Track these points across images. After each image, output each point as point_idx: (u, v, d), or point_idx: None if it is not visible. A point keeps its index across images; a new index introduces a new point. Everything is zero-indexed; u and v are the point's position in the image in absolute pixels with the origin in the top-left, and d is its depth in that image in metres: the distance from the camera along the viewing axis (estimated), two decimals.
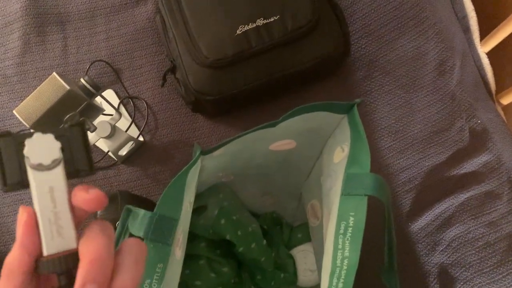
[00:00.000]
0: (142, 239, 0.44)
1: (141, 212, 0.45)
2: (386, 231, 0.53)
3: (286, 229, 0.74)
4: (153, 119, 0.84)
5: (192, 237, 0.65)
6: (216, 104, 0.77)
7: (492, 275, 0.75)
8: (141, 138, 0.83)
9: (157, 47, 0.88)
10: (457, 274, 0.76)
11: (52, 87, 0.59)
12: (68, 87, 0.59)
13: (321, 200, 0.65)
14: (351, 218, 0.45)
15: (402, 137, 0.82)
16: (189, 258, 0.65)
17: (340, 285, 0.42)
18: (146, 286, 0.43)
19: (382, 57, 0.85)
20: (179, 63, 0.76)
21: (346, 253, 0.43)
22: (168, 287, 0.45)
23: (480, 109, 0.84)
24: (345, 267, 0.43)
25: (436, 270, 0.76)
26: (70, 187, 0.29)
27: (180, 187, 0.47)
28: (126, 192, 0.73)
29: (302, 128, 0.56)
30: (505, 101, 0.87)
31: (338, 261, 0.43)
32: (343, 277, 0.42)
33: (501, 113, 0.86)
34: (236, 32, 0.73)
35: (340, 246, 0.44)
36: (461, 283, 0.75)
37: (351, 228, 0.44)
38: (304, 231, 0.73)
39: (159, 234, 0.44)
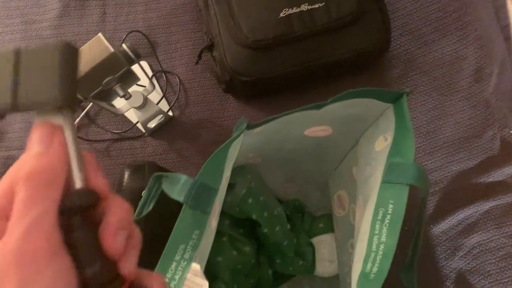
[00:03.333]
0: (181, 204, 0.44)
1: (183, 177, 0.45)
2: (416, 225, 0.52)
3: (308, 218, 0.74)
4: (184, 95, 0.84)
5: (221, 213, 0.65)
6: (250, 86, 0.76)
7: (510, 287, 0.75)
8: (170, 113, 0.82)
9: (195, 24, 0.87)
10: (475, 281, 0.75)
11: (96, 47, 0.59)
12: (112, 49, 0.59)
13: (350, 190, 0.65)
14: (390, 206, 0.44)
15: (433, 139, 0.81)
16: None
17: (375, 269, 0.42)
18: (180, 251, 0.43)
19: (420, 57, 0.84)
20: (218, 41, 0.76)
21: (383, 239, 0.43)
22: (201, 255, 0.45)
23: None
24: (380, 252, 0.42)
25: (454, 275, 0.75)
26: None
27: (222, 158, 0.47)
28: (153, 163, 0.73)
29: (343, 114, 0.56)
30: None
31: (374, 246, 0.43)
32: (378, 262, 0.42)
33: None
34: (279, 15, 0.72)
35: (377, 232, 0.43)
36: None
37: (389, 215, 0.44)
38: (326, 222, 0.73)
39: (199, 201, 0.44)
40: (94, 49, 0.59)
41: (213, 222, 0.48)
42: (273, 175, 0.72)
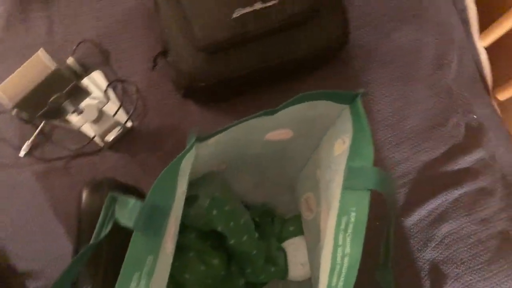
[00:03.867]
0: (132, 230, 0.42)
1: (131, 201, 0.42)
2: (386, 228, 0.51)
3: (278, 222, 0.72)
4: (142, 104, 0.81)
5: (182, 228, 0.63)
6: (209, 90, 0.74)
7: (483, 273, 0.75)
8: (129, 124, 0.79)
9: (148, 28, 0.84)
10: (449, 270, 0.75)
11: (37, 66, 0.55)
12: (53, 67, 0.56)
13: (316, 193, 0.63)
14: (353, 214, 0.43)
15: (398, 131, 0.80)
16: (178, 250, 0.63)
17: (341, 283, 0.40)
18: (135, 279, 0.41)
19: (380, 48, 0.83)
20: (171, 46, 0.73)
21: (347, 250, 0.41)
22: (158, 282, 0.43)
23: (477, 105, 0.83)
24: (345, 265, 0.41)
25: (428, 266, 0.75)
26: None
27: (173, 175, 0.44)
28: (112, 179, 0.70)
29: (301, 117, 0.54)
30: (502, 97, 0.86)
31: (338, 258, 0.41)
32: (343, 275, 0.40)
33: (497, 109, 0.85)
34: (232, 16, 0.70)
35: (340, 242, 0.42)
36: (452, 280, 0.74)
37: (352, 224, 0.42)
38: (296, 224, 0.71)
39: (150, 224, 0.42)
40: (34, 68, 0.55)
41: (169, 244, 0.46)
42: (240, 181, 0.70)
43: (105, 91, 0.74)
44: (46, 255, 0.74)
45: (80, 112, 0.67)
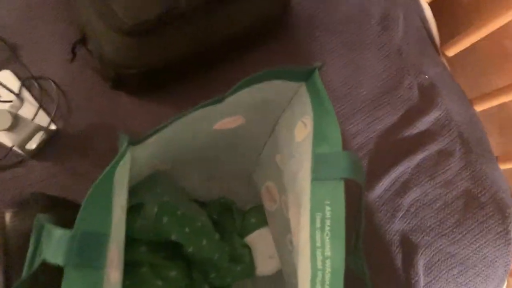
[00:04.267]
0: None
1: (57, 232, 0.33)
2: (358, 215, 0.46)
3: (238, 216, 0.65)
4: (65, 102, 0.70)
5: (129, 241, 0.54)
6: (142, 78, 0.65)
7: (452, 236, 0.73)
8: (52, 126, 0.69)
9: (62, 13, 0.72)
10: (419, 239, 0.72)
11: None
12: None
13: (277, 182, 0.57)
14: (328, 208, 0.37)
15: (350, 101, 0.75)
16: (128, 266, 0.54)
17: None
18: None
19: (323, 14, 0.77)
20: (91, 31, 0.63)
21: (327, 252, 0.35)
22: None
23: (427, 63, 0.80)
24: (328, 270, 0.35)
25: (398, 238, 0.72)
26: None
27: (106, 192, 0.36)
28: (40, 194, 0.60)
29: (252, 101, 0.47)
30: (450, 52, 0.83)
31: (319, 263, 0.35)
32: (328, 283, 0.34)
33: (447, 65, 0.83)
34: None
35: (318, 244, 0.36)
36: (423, 248, 0.72)
37: (329, 220, 0.36)
38: (257, 216, 0.65)
39: (86, 256, 0.33)
40: None
41: (113, 274, 0.37)
42: (189, 177, 0.63)
43: (18, 93, 0.63)
44: None
45: None
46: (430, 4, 0.83)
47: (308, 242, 0.36)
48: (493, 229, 0.75)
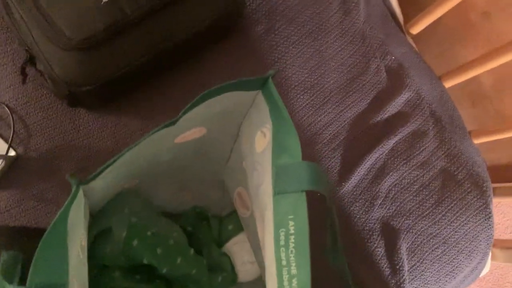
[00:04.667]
0: None
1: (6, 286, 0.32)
2: (329, 223, 0.45)
3: (214, 223, 0.64)
4: (22, 125, 0.67)
5: (102, 268, 0.53)
6: (97, 94, 0.62)
7: (433, 217, 0.73)
8: (12, 153, 0.66)
9: (12, 32, 0.69)
10: (399, 224, 0.72)
11: None
12: None
13: (247, 188, 0.56)
14: (291, 223, 0.36)
15: (319, 91, 0.73)
16: None
17: None
18: None
19: (281, 5, 0.74)
20: (37, 51, 0.59)
21: (294, 271, 0.34)
22: None
23: (393, 44, 0.78)
24: None
25: (379, 226, 0.71)
26: None
27: (59, 240, 0.34)
28: (3, 227, 0.58)
29: (210, 114, 0.45)
30: (415, 30, 0.81)
31: (286, 283, 0.34)
32: None
33: (413, 44, 0.81)
34: (101, 1, 0.57)
35: (284, 262, 0.35)
36: (405, 232, 0.72)
37: (293, 237, 0.35)
38: (234, 221, 0.64)
39: None
40: None
41: None
42: (159, 191, 0.61)
43: None
44: None
45: None
46: None
47: (274, 260, 0.35)
48: (473, 205, 0.74)
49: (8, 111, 0.67)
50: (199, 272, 0.56)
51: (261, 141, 0.42)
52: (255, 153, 0.44)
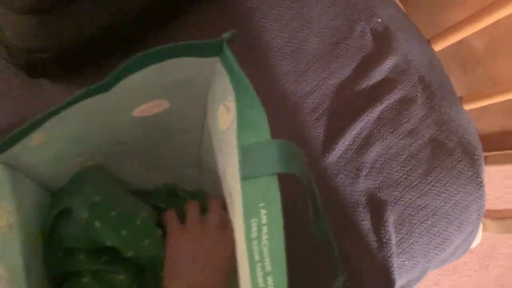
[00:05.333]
0: None
1: None
2: (310, 202, 0.40)
3: (186, 197, 0.60)
4: None
5: (67, 251, 0.49)
6: (57, 62, 0.57)
7: (421, 187, 0.69)
8: None
9: None
10: (386, 196, 0.68)
11: None
12: None
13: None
14: (263, 212, 0.31)
15: (301, 57, 0.69)
16: (70, 279, 0.49)
17: None
18: None
19: None
20: None
21: (268, 267, 0.30)
22: None
23: (379, 6, 0.73)
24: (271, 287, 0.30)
25: (365, 198, 0.68)
26: None
27: None
28: None
29: (167, 84, 0.40)
30: None
31: (260, 280, 0.30)
32: None
33: (401, 5, 0.76)
34: None
35: (257, 258, 0.30)
36: (392, 204, 0.68)
37: (266, 227, 0.31)
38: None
39: None
40: None
41: None
42: (129, 169, 0.57)
43: None
44: None
45: None
46: None
47: (246, 254, 0.31)
48: (463, 174, 0.71)
49: None
50: None
51: (225, 117, 0.37)
52: (219, 130, 0.39)
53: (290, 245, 0.32)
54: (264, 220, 0.30)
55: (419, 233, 0.69)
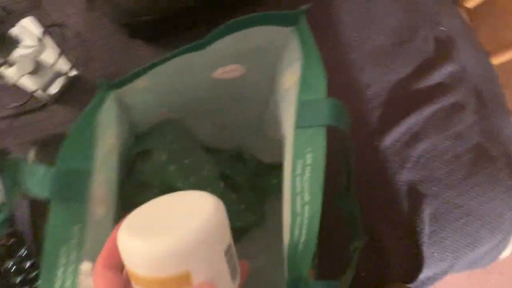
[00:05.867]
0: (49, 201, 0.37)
1: (40, 169, 0.37)
2: (345, 162, 0.47)
3: (251, 164, 0.67)
4: (84, 49, 0.73)
5: (144, 183, 0.58)
6: (156, 25, 0.66)
7: (460, 188, 0.74)
8: (73, 72, 0.72)
9: None
10: (426, 190, 0.73)
11: None
12: None
13: None
14: (309, 155, 0.37)
15: (365, 50, 0.75)
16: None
17: (303, 237, 0.35)
18: (63, 254, 0.36)
19: None
20: None
21: (306, 198, 0.36)
22: (94, 249, 0.38)
23: (444, 15, 0.78)
24: (306, 215, 0.36)
25: (405, 188, 0.73)
26: None
27: (88, 133, 0.39)
28: (62, 134, 0.63)
29: (244, 49, 0.47)
30: (470, 4, 0.81)
31: (298, 208, 0.36)
32: (305, 227, 0.35)
33: (466, 18, 0.81)
34: None
35: (298, 190, 0.37)
36: (430, 198, 0.73)
37: (309, 167, 0.37)
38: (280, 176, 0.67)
39: (69, 191, 0.37)
40: None
41: (99, 209, 0.41)
42: (201, 126, 0.65)
43: (40, 38, 0.66)
44: None
45: (11, 63, 0.59)
46: None
47: (290, 189, 0.37)
48: (503, 183, 0.75)
49: (75, 34, 0.72)
50: (227, 206, 0.60)
51: (290, 78, 0.44)
52: (281, 89, 0.46)
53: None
54: (308, 161, 0.36)
55: (452, 229, 0.73)
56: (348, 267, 0.47)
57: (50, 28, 0.73)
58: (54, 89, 0.70)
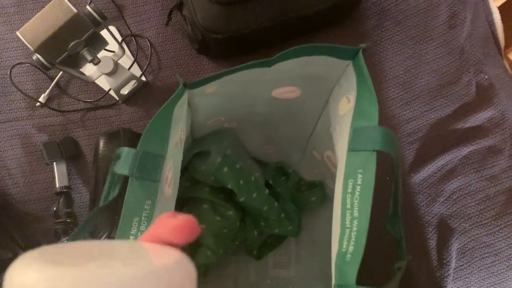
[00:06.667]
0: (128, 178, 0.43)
1: (125, 150, 0.43)
2: (393, 184, 0.51)
3: (294, 178, 0.73)
4: (156, 59, 0.81)
5: (195, 182, 0.64)
6: (224, 44, 0.74)
7: (490, 227, 0.76)
8: (143, 78, 0.80)
9: None
10: (456, 225, 0.76)
11: (58, 9, 0.56)
12: (75, 10, 0.56)
13: (334, 150, 0.64)
14: (359, 176, 0.42)
15: (409, 89, 0.81)
16: (193, 201, 0.64)
17: (351, 248, 0.40)
18: (135, 224, 0.42)
19: (393, 7, 0.83)
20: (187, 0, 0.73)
21: (356, 214, 0.41)
22: None
23: (488, 64, 0.84)
24: (355, 229, 0.41)
25: (436, 221, 0.76)
26: None
27: (165, 123, 0.46)
28: (128, 129, 0.71)
29: (304, 74, 0.53)
30: None
31: (347, 222, 0.41)
32: (353, 239, 0.40)
33: (509, 69, 0.86)
34: None
35: (348, 206, 0.41)
36: (459, 233, 0.76)
37: (359, 187, 0.42)
38: (319, 194, 0.72)
39: (145, 171, 0.43)
40: (56, 11, 0.56)
41: (167, 189, 0.47)
42: (251, 138, 0.71)
43: (120, 45, 0.75)
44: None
45: (97, 62, 0.68)
46: (499, 7, 0.87)
47: (340, 205, 0.42)
48: None
49: (149, 45, 0.81)
50: (270, 211, 0.65)
51: (345, 105, 0.50)
52: (337, 115, 0.52)
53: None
54: (359, 181, 0.41)
55: (478, 267, 0.76)
56: (389, 283, 0.51)
57: (128, 37, 0.82)
58: (125, 90, 0.78)
